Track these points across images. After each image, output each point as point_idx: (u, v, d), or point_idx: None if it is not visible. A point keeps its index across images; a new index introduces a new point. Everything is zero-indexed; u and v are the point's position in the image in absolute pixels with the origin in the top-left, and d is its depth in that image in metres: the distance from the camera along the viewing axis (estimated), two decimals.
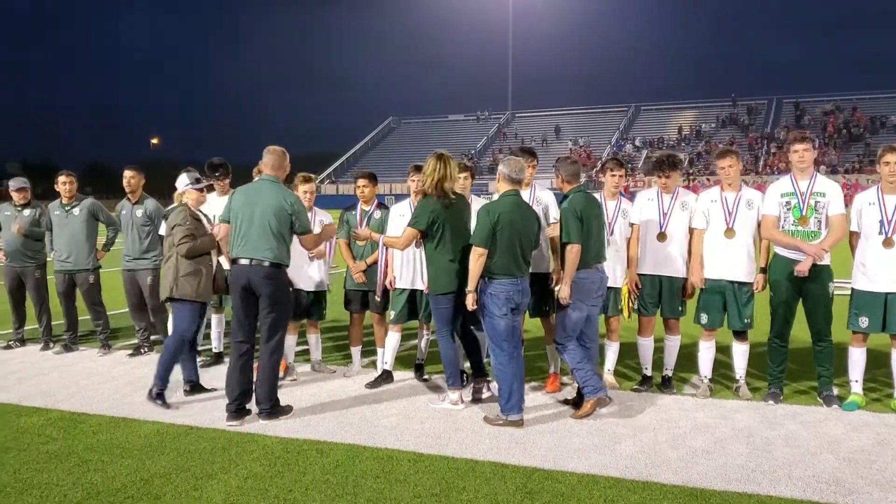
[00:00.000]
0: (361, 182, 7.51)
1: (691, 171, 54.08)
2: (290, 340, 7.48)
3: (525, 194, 6.68)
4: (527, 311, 6.66)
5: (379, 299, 7.31)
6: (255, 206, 6.18)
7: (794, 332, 6.65)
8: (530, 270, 6.32)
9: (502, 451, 5.38)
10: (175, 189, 7.08)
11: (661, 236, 6.82)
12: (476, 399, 6.60)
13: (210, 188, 7.42)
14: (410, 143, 76.95)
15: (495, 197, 6.35)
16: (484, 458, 5.24)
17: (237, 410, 6.15)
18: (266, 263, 6.12)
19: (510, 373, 5.99)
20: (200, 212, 7.00)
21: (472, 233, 6.18)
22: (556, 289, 6.32)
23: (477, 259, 5.97)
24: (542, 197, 6.90)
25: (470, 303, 6.08)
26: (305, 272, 7.43)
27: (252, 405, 6.25)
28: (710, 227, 6.65)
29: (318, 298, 7.61)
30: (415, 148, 73.38)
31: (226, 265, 7.60)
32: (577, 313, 6.20)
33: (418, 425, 6.01)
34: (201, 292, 6.70)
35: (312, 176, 7.81)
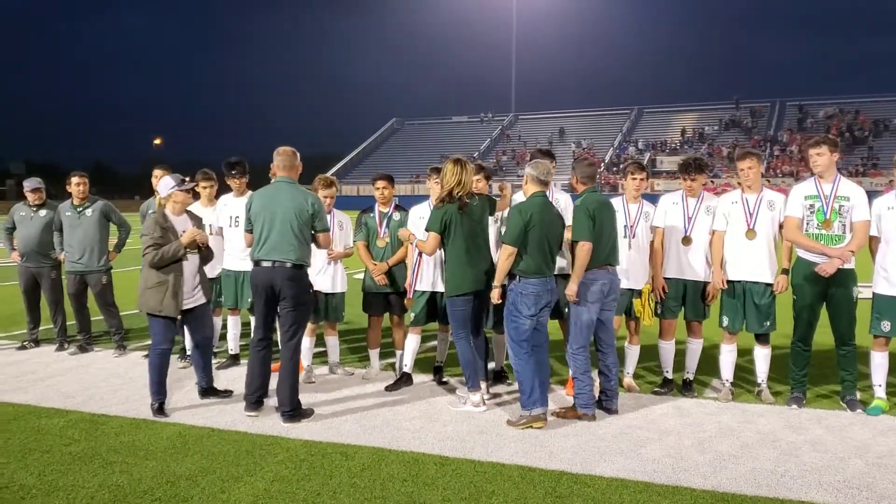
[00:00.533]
0: (381, 184, 7.49)
1: None
2: (308, 343, 7.46)
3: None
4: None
5: (410, 299, 7.27)
6: (276, 208, 6.25)
7: (815, 336, 6.62)
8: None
9: (528, 455, 5.36)
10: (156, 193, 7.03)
11: (686, 240, 6.80)
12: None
13: (195, 191, 7.41)
14: (414, 144, 77.03)
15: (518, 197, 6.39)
16: (510, 462, 5.22)
17: (256, 402, 6.39)
18: (289, 265, 6.21)
19: (531, 370, 6.05)
20: (191, 213, 6.84)
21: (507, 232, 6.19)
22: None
23: (507, 257, 6.06)
24: (560, 198, 6.91)
25: (496, 297, 6.17)
26: (324, 274, 7.41)
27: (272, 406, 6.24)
28: (730, 229, 6.62)
29: (336, 300, 7.59)
30: (418, 149, 73.55)
31: (212, 273, 7.79)
32: (587, 315, 6.19)
33: (441, 428, 5.99)
34: (166, 305, 6.41)
35: (334, 179, 7.80)
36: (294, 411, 6.21)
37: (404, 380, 7.27)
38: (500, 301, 6.20)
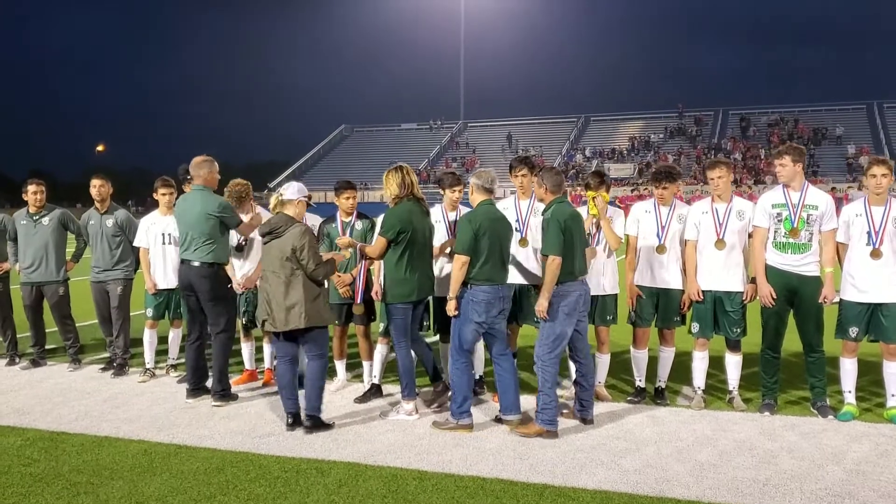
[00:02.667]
0: (348, 193, 7.33)
1: (640, 182, 54.68)
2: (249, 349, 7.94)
3: (525, 204, 6.73)
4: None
5: (358, 304, 7.11)
6: (187, 213, 6.98)
7: (783, 343, 6.66)
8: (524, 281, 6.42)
9: (508, 468, 5.27)
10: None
11: (661, 248, 6.79)
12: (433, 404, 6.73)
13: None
14: (363, 151, 76.57)
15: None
16: (491, 476, 5.13)
17: (195, 390, 7.11)
18: (196, 263, 6.89)
19: (466, 379, 6.16)
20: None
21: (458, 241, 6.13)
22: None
23: (461, 267, 6.02)
24: (541, 207, 6.81)
25: (451, 309, 6.13)
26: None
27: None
28: (701, 238, 6.65)
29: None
30: (368, 156, 73.11)
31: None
32: (561, 328, 6.07)
33: (416, 441, 5.87)
34: (330, 315, 6.50)
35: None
36: (224, 391, 6.98)
37: (374, 391, 7.14)
38: (456, 313, 6.13)
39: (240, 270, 7.60)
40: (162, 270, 7.97)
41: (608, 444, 5.74)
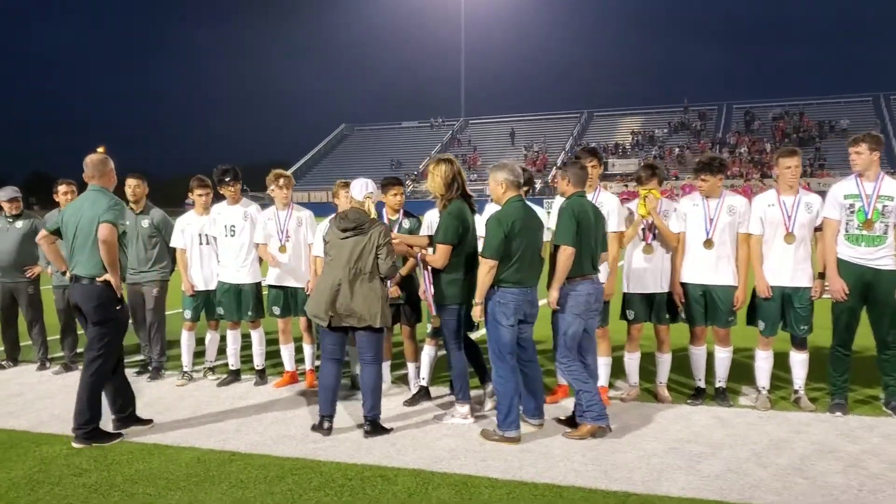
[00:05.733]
0: (395, 189, 7.08)
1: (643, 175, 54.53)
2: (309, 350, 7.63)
3: (590, 196, 6.44)
4: None
5: (436, 316, 6.87)
6: (80, 218, 5.94)
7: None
8: None
9: (582, 475, 5.03)
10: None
11: (708, 243, 6.53)
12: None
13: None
14: (364, 150, 76.45)
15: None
16: (567, 483, 4.89)
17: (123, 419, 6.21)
18: (85, 281, 5.92)
19: (511, 388, 5.75)
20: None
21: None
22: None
23: (488, 272, 5.68)
24: (606, 201, 6.57)
25: (477, 314, 5.81)
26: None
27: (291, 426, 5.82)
28: (767, 232, 6.40)
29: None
30: (369, 155, 72.97)
31: (208, 285, 7.76)
32: (573, 328, 5.87)
33: (478, 446, 5.63)
34: (389, 318, 6.24)
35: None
36: (87, 431, 5.84)
37: (422, 394, 6.91)
38: (483, 318, 5.84)
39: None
40: (199, 271, 7.74)
41: (681, 448, 5.50)
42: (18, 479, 5.15)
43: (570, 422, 5.99)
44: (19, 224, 8.44)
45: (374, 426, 5.94)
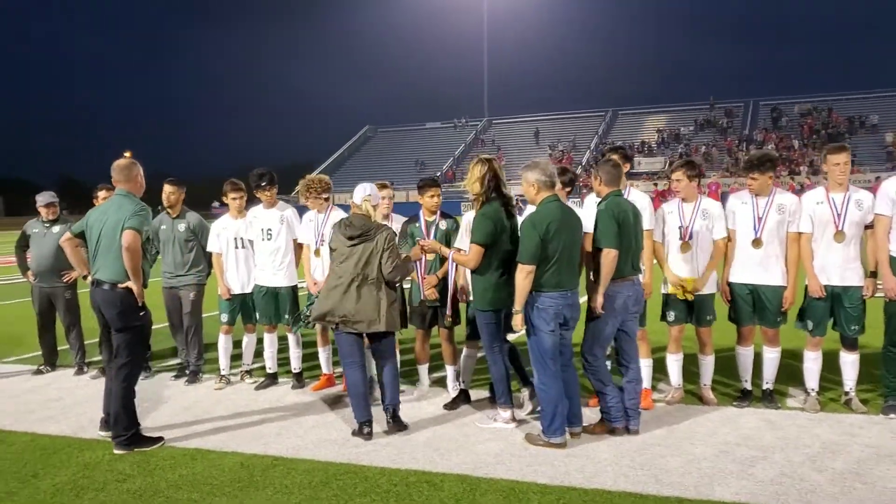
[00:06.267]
0: (433, 191, 7.00)
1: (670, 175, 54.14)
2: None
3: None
4: None
5: (450, 318, 6.84)
6: (105, 223, 5.95)
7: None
8: None
9: (631, 479, 4.94)
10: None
11: (757, 242, 6.40)
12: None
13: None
14: (388, 151, 76.41)
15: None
16: (616, 489, 4.80)
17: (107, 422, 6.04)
18: (106, 286, 5.92)
19: (555, 394, 5.61)
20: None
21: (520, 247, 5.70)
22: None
23: (525, 277, 5.53)
24: (638, 200, 6.46)
25: (518, 323, 5.64)
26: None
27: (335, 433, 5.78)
28: (816, 230, 6.25)
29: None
30: (393, 156, 72.99)
31: (244, 288, 7.75)
32: (609, 328, 5.80)
33: (522, 451, 5.55)
34: (399, 322, 6.29)
35: (388, 183, 7.38)
36: (126, 437, 5.80)
37: (462, 397, 6.83)
38: (524, 328, 5.69)
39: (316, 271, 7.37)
40: (235, 275, 7.72)
41: (731, 452, 5.38)
42: (63, 485, 5.13)
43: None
44: (56, 229, 8.46)
45: (395, 417, 6.09)
